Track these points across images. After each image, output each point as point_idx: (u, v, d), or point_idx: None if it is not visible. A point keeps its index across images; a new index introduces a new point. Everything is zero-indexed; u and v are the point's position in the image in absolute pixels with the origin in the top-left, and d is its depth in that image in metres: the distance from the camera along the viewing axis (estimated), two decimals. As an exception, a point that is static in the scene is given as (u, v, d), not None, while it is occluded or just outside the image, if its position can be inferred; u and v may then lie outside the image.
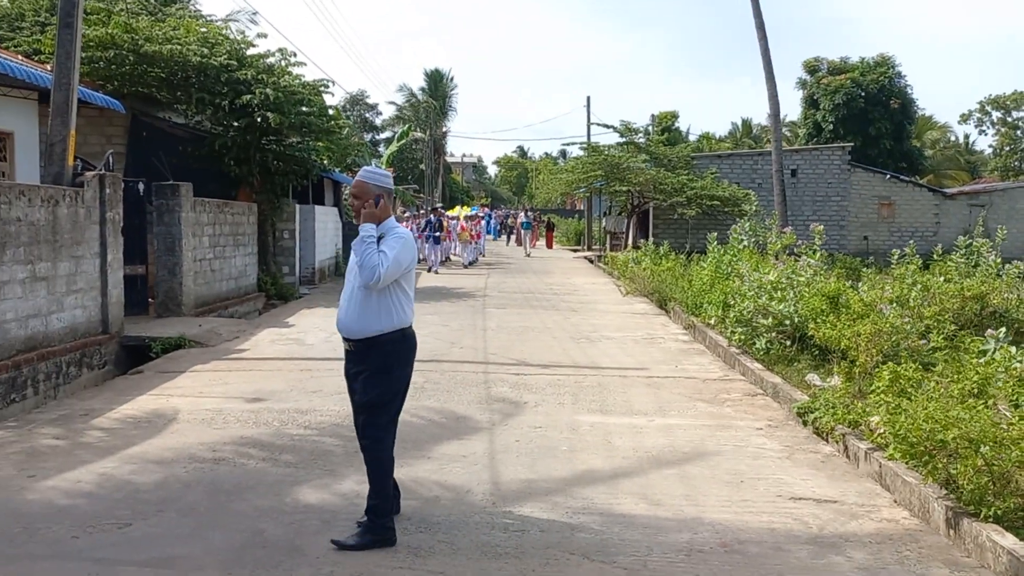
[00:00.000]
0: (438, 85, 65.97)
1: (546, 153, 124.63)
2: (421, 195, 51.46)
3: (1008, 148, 74.45)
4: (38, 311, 8.45)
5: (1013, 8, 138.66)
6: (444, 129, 64.51)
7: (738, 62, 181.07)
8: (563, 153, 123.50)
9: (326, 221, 21.45)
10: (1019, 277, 12.77)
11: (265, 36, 16.29)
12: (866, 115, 36.07)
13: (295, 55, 16.59)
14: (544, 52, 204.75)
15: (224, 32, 16.05)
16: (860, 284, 13.03)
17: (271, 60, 16.31)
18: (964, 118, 75.19)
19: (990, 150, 76.81)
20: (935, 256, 13.77)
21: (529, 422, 6.81)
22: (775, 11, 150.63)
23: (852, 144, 32.37)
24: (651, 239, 31.33)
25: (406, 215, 29.40)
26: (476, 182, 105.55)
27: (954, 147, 67.99)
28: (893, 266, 12.79)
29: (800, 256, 12.06)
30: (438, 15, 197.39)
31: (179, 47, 14.56)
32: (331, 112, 17.16)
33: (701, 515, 4.69)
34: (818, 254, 11.74)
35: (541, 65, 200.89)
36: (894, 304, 10.93)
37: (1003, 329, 7.67)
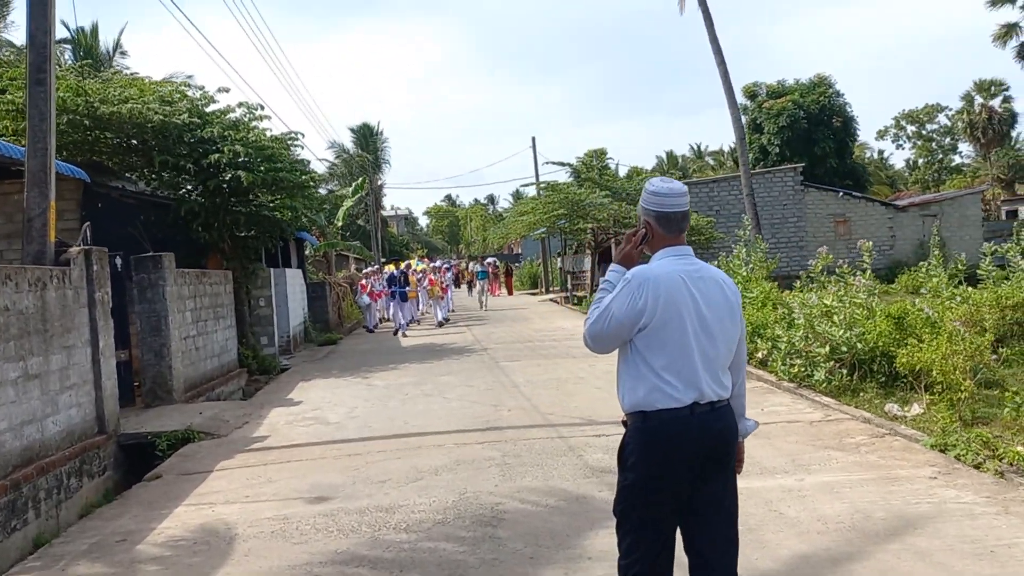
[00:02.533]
0: (369, 139, 65.00)
1: (475, 200, 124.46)
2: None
3: (924, 160, 77.18)
4: (33, 415, 7.08)
5: (920, 23, 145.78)
6: (380, 183, 63.40)
7: (652, 100, 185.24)
8: (491, 198, 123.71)
9: (294, 284, 20.12)
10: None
11: (227, 91, 15.09)
12: (810, 135, 36.46)
13: (261, 108, 15.45)
14: (460, 102, 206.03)
15: (182, 89, 14.80)
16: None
17: (235, 115, 15.13)
18: (881, 134, 77.80)
19: (903, 164, 79.63)
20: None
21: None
22: (690, 44, 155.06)
23: (803, 164, 32.55)
24: (616, 275, 30.81)
25: (364, 271, 27.86)
26: (409, 234, 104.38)
27: (872, 163, 69.97)
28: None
29: (842, 277, 11.42)
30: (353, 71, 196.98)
31: (138, 107, 13.28)
32: (302, 167, 15.97)
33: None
34: (868, 273, 11.11)
35: (456, 116, 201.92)
36: (963, 321, 10.33)
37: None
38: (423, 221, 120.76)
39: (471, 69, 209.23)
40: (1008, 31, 43.83)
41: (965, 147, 71.55)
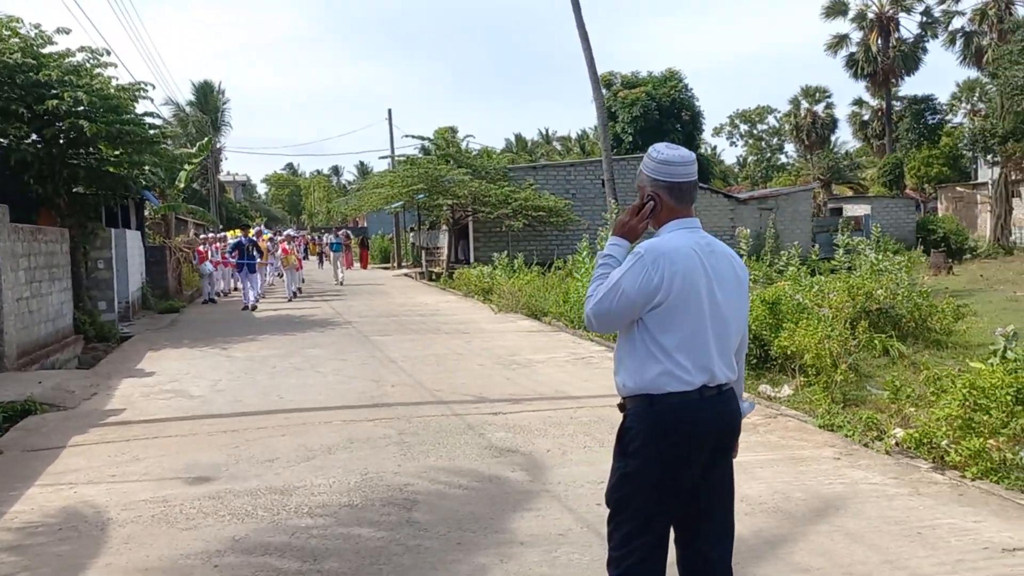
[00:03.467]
0: (208, 98, 61.42)
1: (318, 171, 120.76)
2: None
3: (754, 158, 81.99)
4: None
5: (761, 31, 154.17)
6: (219, 145, 60.11)
7: (501, 84, 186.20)
8: (335, 170, 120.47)
9: (134, 247, 18.57)
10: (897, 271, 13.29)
11: (68, 31, 13.52)
12: (661, 127, 37.65)
13: (107, 53, 14.02)
14: (306, 73, 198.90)
15: (13, 26, 13.14)
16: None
17: (76, 59, 13.66)
18: (717, 131, 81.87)
19: (734, 160, 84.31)
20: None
21: (574, 476, 5.60)
22: (551, 33, 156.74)
23: (655, 154, 33.53)
24: (472, 253, 30.63)
25: (202, 237, 25.80)
26: (247, 201, 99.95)
27: (707, 158, 73.52)
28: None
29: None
30: (207, 26, 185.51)
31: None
32: (152, 121, 14.66)
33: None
34: (743, 258, 11.43)
35: (301, 86, 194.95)
36: (829, 308, 10.82)
37: (1012, 327, 7.51)
38: (261, 189, 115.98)
39: (319, 41, 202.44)
40: (840, 41, 47.14)
41: (790, 148, 76.60)
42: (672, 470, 2.76)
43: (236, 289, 23.36)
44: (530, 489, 5.36)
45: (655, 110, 37.48)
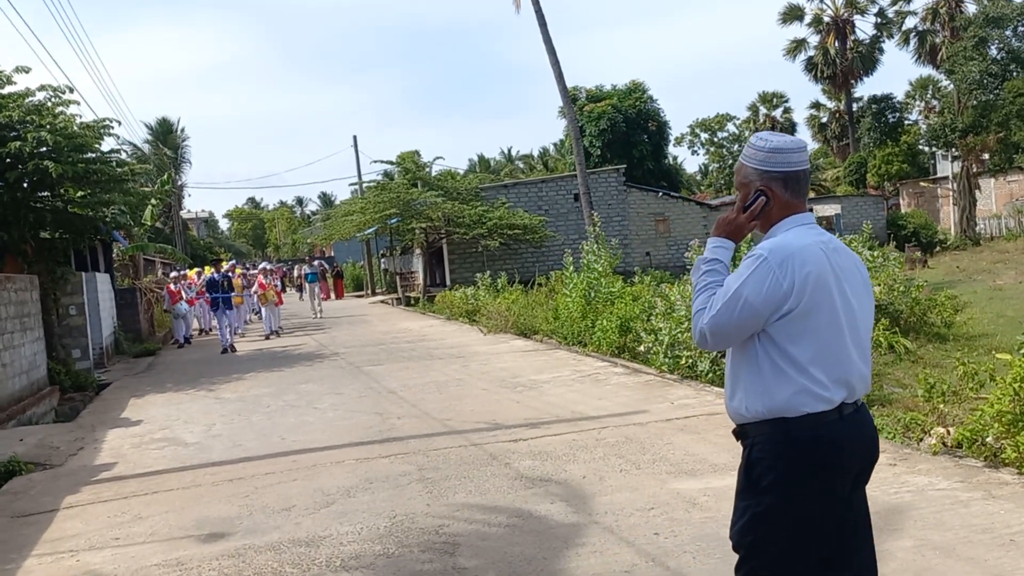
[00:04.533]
0: (168, 136, 60.55)
1: (281, 202, 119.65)
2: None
3: (716, 166, 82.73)
4: None
5: (719, 39, 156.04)
6: (180, 183, 59.22)
7: (460, 104, 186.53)
8: (299, 201, 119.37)
9: (104, 290, 17.93)
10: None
11: (28, 70, 12.98)
12: (629, 138, 37.62)
13: (70, 90, 13.50)
14: (258, 103, 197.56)
15: (-31, 66, 12.59)
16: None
17: (37, 98, 13.13)
18: (678, 140, 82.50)
19: (696, 168, 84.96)
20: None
21: (620, 504, 5.23)
22: (500, 49, 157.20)
23: (624, 166, 33.48)
24: (448, 275, 30.23)
25: (172, 275, 24.79)
26: (211, 237, 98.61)
27: (675, 168, 73.97)
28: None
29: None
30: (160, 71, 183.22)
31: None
32: (120, 157, 14.14)
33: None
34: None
35: (253, 117, 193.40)
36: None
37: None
38: (224, 224, 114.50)
39: (270, 71, 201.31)
40: (798, 45, 47.66)
41: (751, 154, 77.40)
42: (815, 506, 2.40)
43: (213, 328, 22.31)
44: (576, 522, 4.97)
45: (622, 122, 37.45)
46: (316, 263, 32.32)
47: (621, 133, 37.39)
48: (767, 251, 2.42)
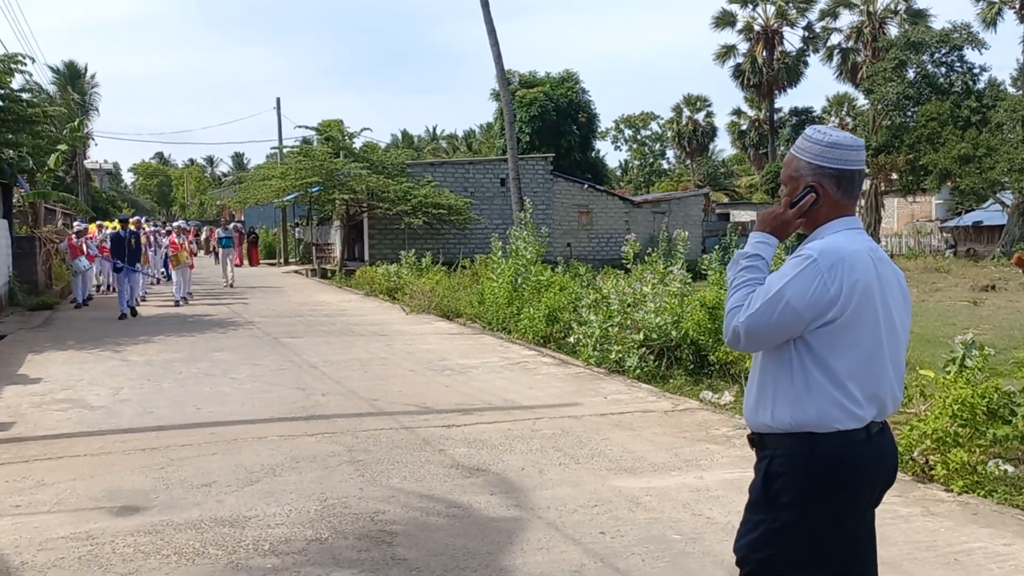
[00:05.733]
0: (76, 82, 57.48)
1: (191, 160, 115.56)
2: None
3: (638, 163, 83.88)
4: None
5: (650, 38, 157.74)
6: (87, 131, 56.27)
7: (386, 77, 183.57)
8: (209, 160, 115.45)
9: (1, 236, 16.84)
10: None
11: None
12: (559, 128, 37.60)
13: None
14: (175, 59, 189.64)
15: None
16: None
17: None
18: (603, 135, 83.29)
19: (616, 164, 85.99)
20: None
21: (562, 498, 5.10)
22: (452, 30, 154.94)
23: (553, 155, 33.46)
24: (367, 251, 29.64)
25: (76, 226, 22.80)
26: (114, 191, 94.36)
27: (600, 162, 74.63)
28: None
29: (651, 266, 11.46)
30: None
31: None
32: (30, 97, 13.20)
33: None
34: (682, 263, 11.21)
35: (169, 73, 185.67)
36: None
37: (970, 333, 7.48)
38: (128, 178, 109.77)
39: (187, 27, 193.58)
40: (728, 51, 48.56)
41: (671, 154, 78.87)
42: (834, 525, 2.29)
43: (108, 290, 20.72)
44: (519, 516, 4.81)
45: (553, 111, 37.38)
46: (231, 226, 30.55)
47: (551, 121, 37.34)
48: (817, 252, 2.27)
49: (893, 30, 42.80)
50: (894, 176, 39.31)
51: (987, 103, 35.73)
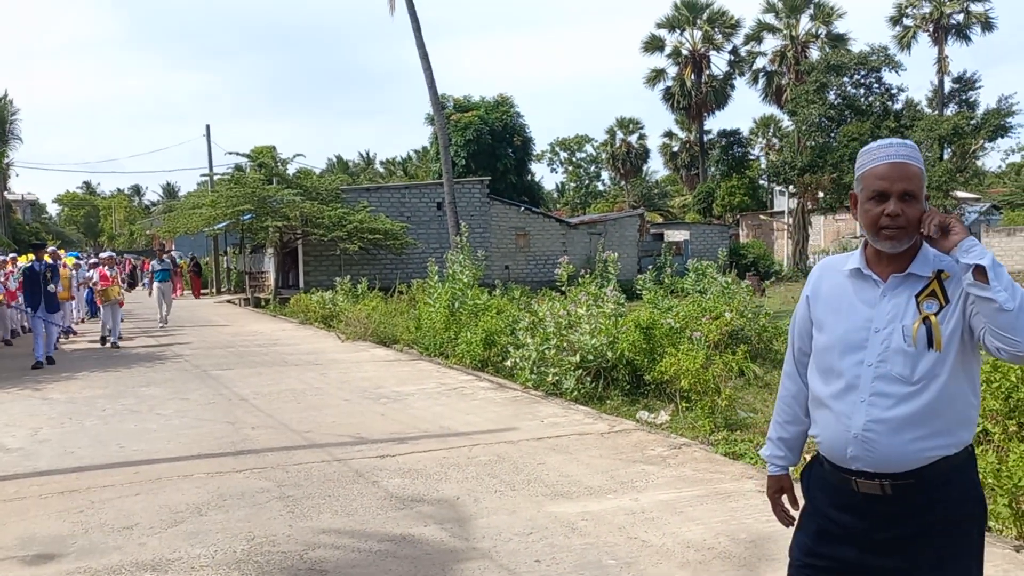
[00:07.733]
0: (-8, 109, 55.65)
1: (118, 189, 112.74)
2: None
3: (574, 185, 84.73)
4: None
5: (582, 61, 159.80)
6: (7, 161, 54.49)
7: (320, 102, 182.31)
8: (137, 189, 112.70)
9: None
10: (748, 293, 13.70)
11: None
12: (494, 151, 37.73)
13: None
14: (99, 85, 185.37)
15: None
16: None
17: None
18: (539, 157, 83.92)
19: (552, 186, 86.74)
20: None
21: (498, 527, 5.03)
22: (362, 50, 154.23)
23: (489, 178, 33.55)
24: (302, 278, 29.20)
25: None
26: (37, 223, 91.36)
27: (535, 185, 75.19)
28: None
29: (584, 287, 11.50)
30: None
31: None
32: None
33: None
34: (615, 284, 11.28)
35: (94, 100, 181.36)
36: (700, 333, 10.83)
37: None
38: (53, 210, 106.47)
39: (114, 50, 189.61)
40: (658, 75, 49.52)
41: (606, 175, 79.88)
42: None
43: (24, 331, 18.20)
44: (455, 547, 4.72)
45: (488, 135, 37.52)
46: (167, 257, 26.17)
47: (487, 145, 37.47)
48: None
49: (815, 53, 44.18)
50: (820, 195, 40.42)
51: (905, 123, 37.06)
